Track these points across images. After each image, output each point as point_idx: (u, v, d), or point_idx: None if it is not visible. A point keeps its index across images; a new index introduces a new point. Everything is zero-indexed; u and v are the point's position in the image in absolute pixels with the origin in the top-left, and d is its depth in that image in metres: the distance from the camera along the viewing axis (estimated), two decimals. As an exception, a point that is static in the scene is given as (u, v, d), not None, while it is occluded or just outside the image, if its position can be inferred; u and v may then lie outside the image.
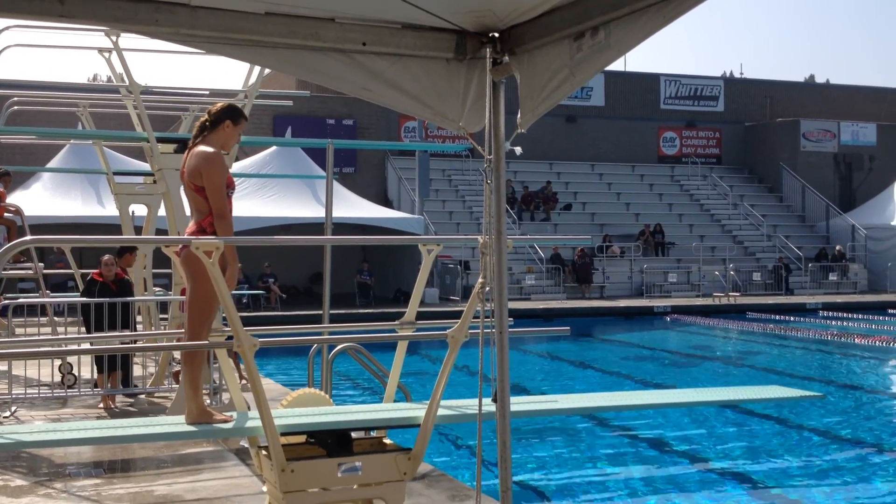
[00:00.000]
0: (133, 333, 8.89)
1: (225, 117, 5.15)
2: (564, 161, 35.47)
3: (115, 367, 9.26)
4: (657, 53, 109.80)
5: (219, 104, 5.29)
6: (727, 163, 38.21)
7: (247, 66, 9.97)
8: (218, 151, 5.09)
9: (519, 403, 5.38)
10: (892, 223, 32.45)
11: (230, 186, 5.14)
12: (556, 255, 28.47)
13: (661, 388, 12.75)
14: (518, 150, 24.33)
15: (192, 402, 4.93)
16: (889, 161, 36.21)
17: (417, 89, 3.69)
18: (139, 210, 12.64)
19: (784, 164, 36.56)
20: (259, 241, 8.98)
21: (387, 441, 5.12)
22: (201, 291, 4.90)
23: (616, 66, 38.13)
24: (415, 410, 5.05)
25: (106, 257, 9.60)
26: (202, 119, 5.21)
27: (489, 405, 4.08)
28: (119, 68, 9.61)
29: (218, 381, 8.53)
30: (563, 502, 7.99)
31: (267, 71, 11.40)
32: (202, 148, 5.08)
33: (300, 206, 24.52)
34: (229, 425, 4.88)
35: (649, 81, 38.38)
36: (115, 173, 12.75)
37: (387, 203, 30.03)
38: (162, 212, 10.36)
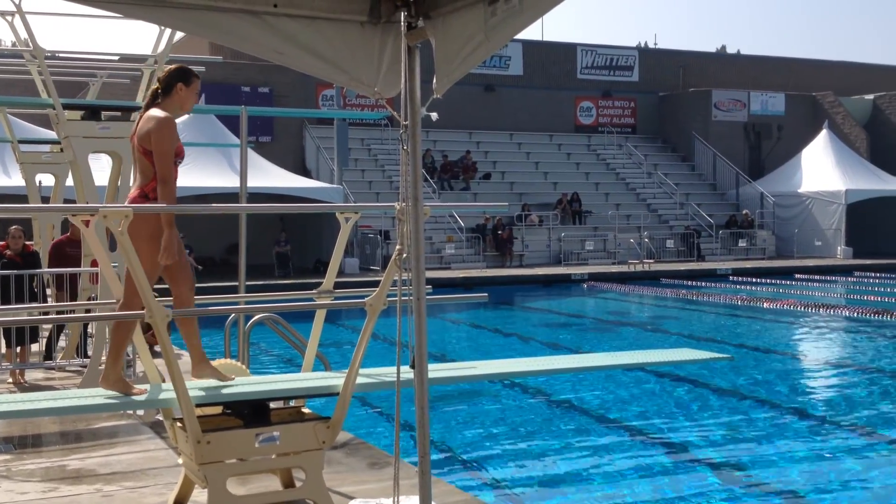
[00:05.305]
0: (40, 305, 8.63)
1: (176, 80, 5.11)
2: (483, 130, 35.58)
3: (23, 340, 9.00)
4: (574, 23, 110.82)
5: (167, 69, 5.25)
6: (642, 132, 38.89)
7: (157, 30, 9.69)
8: (170, 116, 5.03)
9: (437, 370, 5.40)
10: (799, 191, 33.53)
11: (179, 155, 5.06)
12: (481, 226, 28.64)
13: (578, 354, 12.98)
14: (434, 115, 24.11)
15: (111, 368, 4.85)
16: (797, 130, 37.33)
17: (331, 53, 3.64)
18: (46, 180, 12.25)
19: (696, 133, 37.38)
20: (170, 209, 8.81)
21: (305, 410, 5.10)
22: (144, 260, 4.79)
23: (534, 35, 38.44)
24: (333, 379, 5.04)
25: (12, 229, 9.28)
26: (154, 87, 5.17)
27: (408, 372, 4.06)
28: (23, 32, 9.23)
29: (130, 354, 8.34)
30: (485, 467, 8.09)
31: (178, 35, 11.09)
32: (155, 112, 5.01)
33: (216, 175, 24.04)
34: (142, 397, 4.80)
35: (566, 51, 38.70)
36: (21, 141, 12.31)
37: (305, 173, 29.69)
38: (70, 182, 10.05)
